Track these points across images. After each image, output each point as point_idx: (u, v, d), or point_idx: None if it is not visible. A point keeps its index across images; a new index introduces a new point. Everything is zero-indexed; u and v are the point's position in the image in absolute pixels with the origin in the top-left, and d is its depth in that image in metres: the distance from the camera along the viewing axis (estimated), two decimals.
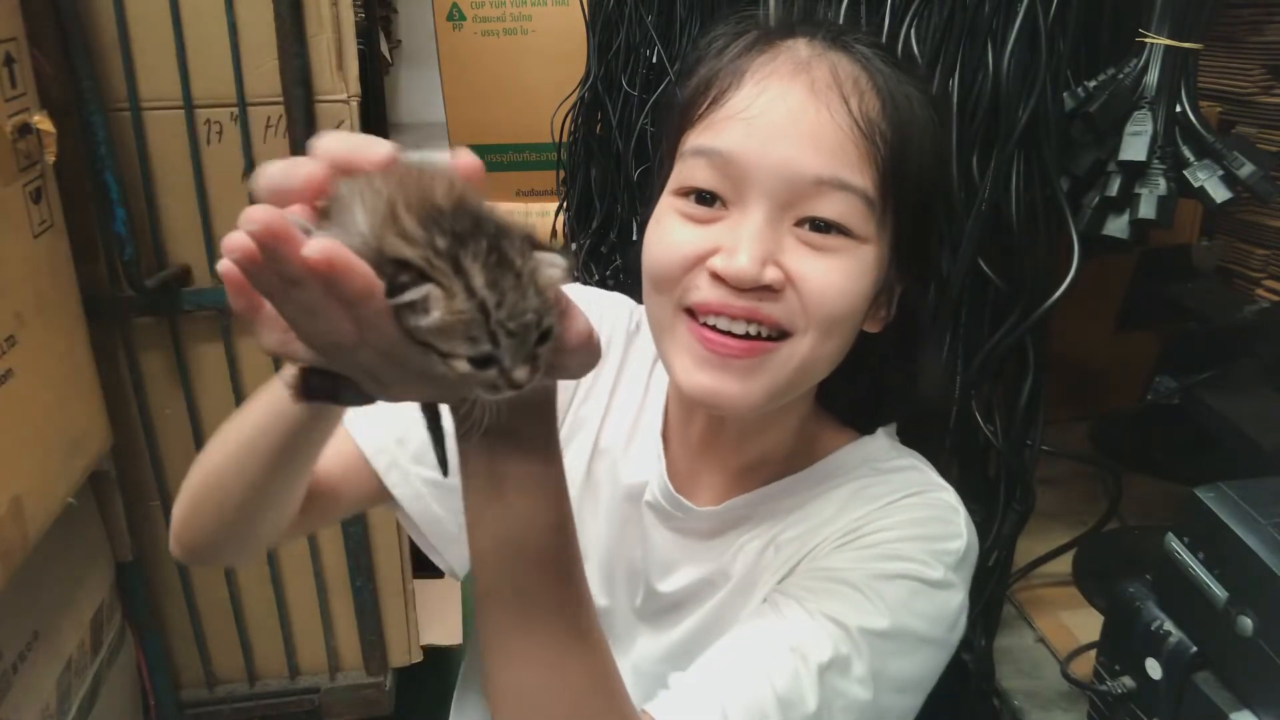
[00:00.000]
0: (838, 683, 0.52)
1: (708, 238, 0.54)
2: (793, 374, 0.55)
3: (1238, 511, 0.70)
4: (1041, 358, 0.88)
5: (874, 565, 0.57)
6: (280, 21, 1.35)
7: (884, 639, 0.54)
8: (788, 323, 0.53)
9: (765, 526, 0.64)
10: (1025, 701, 0.92)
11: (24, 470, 1.14)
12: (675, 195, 0.57)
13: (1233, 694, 0.70)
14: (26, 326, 1.14)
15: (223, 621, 1.66)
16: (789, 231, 0.54)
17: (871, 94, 0.54)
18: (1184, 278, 1.31)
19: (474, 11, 2.15)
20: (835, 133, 0.53)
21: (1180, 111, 0.87)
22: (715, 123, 0.55)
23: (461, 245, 0.35)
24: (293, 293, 0.34)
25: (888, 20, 1.00)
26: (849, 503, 0.62)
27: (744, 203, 0.54)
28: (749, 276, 0.51)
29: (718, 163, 0.54)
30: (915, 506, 0.61)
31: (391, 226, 0.35)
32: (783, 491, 0.64)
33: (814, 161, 0.52)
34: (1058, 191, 0.85)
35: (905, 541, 0.58)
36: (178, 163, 1.39)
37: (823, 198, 0.53)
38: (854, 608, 0.55)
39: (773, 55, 0.56)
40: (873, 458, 0.65)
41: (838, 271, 0.54)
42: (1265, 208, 1.27)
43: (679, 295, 0.55)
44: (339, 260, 0.33)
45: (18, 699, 1.21)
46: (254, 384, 1.52)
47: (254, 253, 0.33)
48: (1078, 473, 1.24)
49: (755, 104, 0.53)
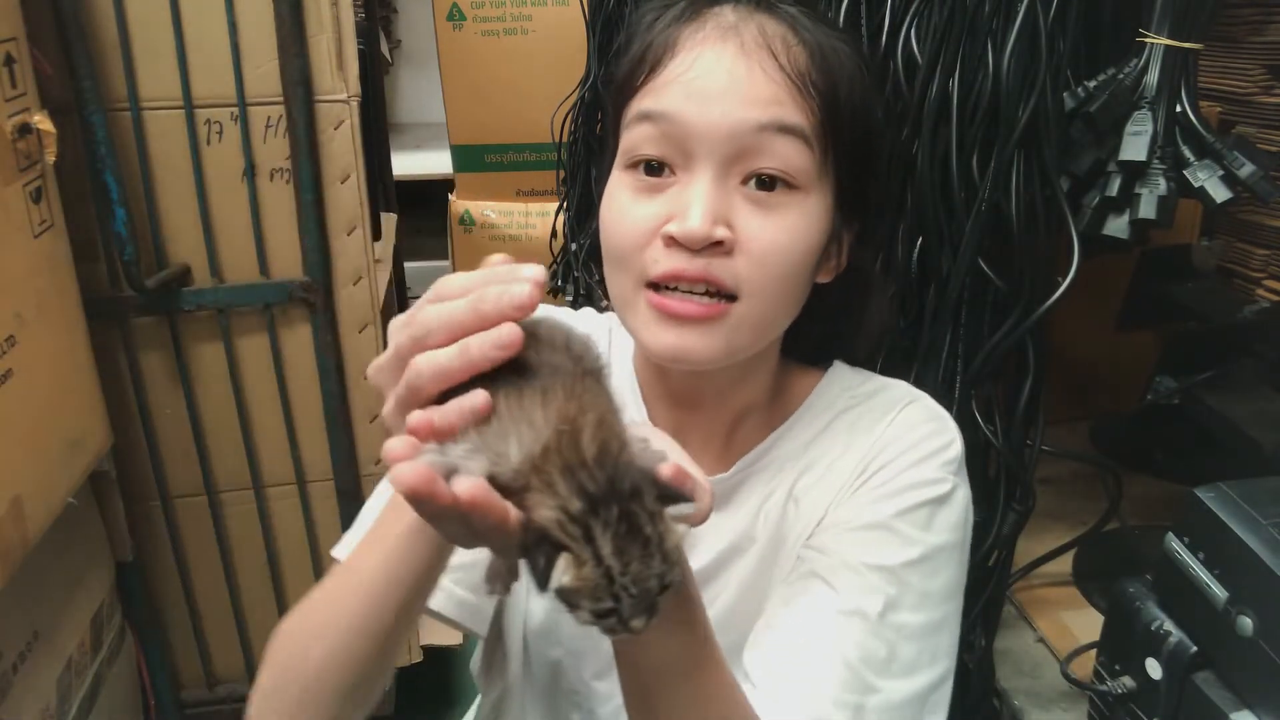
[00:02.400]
0: (895, 619, 0.57)
1: (660, 207, 0.57)
2: (751, 330, 0.58)
3: (1238, 511, 0.70)
4: (1041, 358, 0.88)
5: (894, 502, 0.61)
6: (280, 21, 1.35)
7: (921, 563, 0.59)
8: (740, 284, 0.56)
9: (778, 481, 0.66)
10: (1025, 701, 0.92)
11: (24, 470, 1.14)
12: (624, 170, 0.59)
13: (1233, 694, 0.70)
14: (26, 326, 1.14)
15: (223, 621, 1.66)
16: (736, 190, 0.57)
17: (799, 48, 0.57)
18: (1184, 278, 1.32)
19: (474, 11, 2.15)
20: (769, 85, 0.56)
21: (1180, 111, 0.87)
22: (655, 89, 0.57)
23: (594, 512, 0.39)
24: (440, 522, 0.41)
25: (888, 20, 1.00)
26: (849, 437, 0.65)
27: (690, 166, 0.56)
28: (701, 235, 0.54)
29: (662, 126, 0.56)
30: (912, 422, 0.65)
31: (538, 474, 0.40)
32: (781, 440, 0.67)
33: (753, 112, 0.55)
34: (1058, 191, 0.85)
35: (913, 468, 0.62)
36: (178, 163, 1.39)
37: (765, 148, 0.56)
38: (889, 549, 0.59)
39: (701, 23, 0.58)
40: (849, 386, 0.69)
41: (785, 229, 0.57)
42: (1265, 208, 1.27)
43: (639, 270, 0.57)
44: (480, 499, 0.38)
45: (18, 699, 1.21)
46: (254, 384, 1.52)
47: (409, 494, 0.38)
48: (1078, 473, 1.25)
49: (692, 69, 0.56)
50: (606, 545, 0.39)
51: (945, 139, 0.89)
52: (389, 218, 2.16)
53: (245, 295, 1.46)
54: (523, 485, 0.40)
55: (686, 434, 0.67)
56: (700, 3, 0.60)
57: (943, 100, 0.89)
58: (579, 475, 0.39)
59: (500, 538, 0.40)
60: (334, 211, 1.46)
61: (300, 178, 1.41)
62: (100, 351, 1.38)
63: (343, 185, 1.46)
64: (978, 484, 0.95)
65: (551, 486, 0.39)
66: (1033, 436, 0.91)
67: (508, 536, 0.40)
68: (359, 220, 1.48)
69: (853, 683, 0.56)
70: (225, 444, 1.55)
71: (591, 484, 0.39)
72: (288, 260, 1.46)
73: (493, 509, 0.39)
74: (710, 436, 0.68)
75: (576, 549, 0.39)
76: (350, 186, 1.46)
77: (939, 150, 0.90)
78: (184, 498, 1.57)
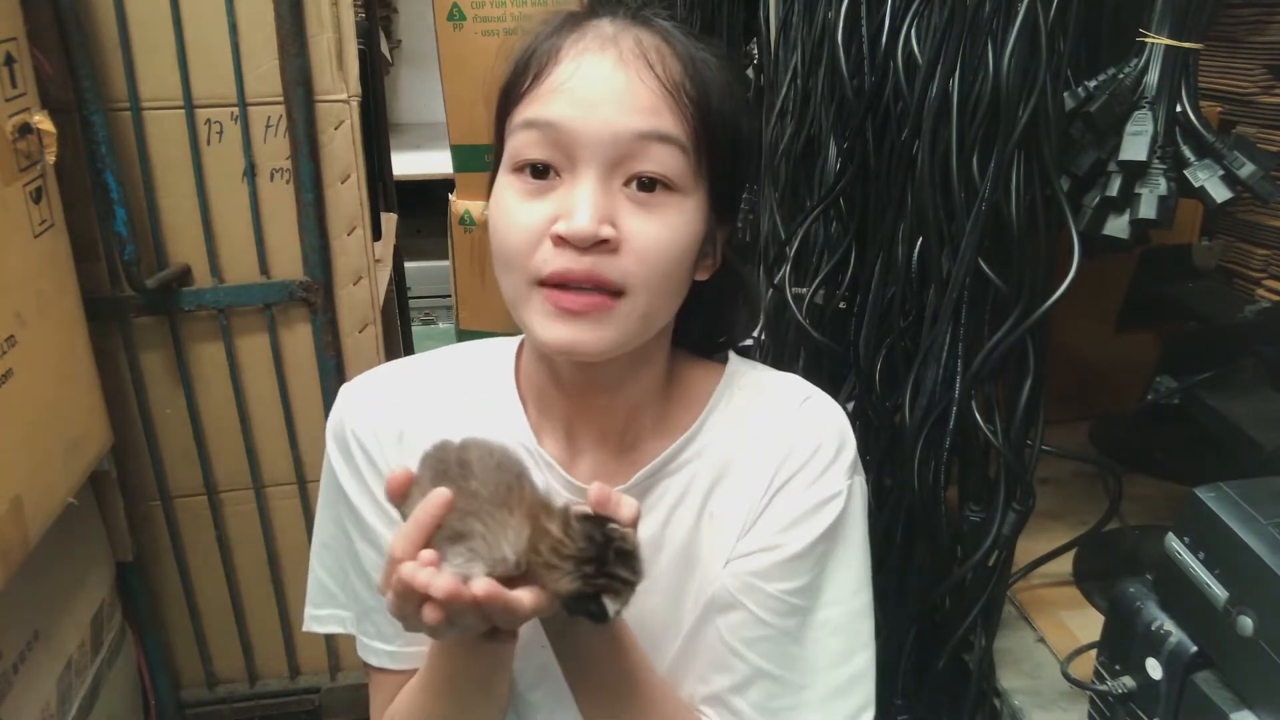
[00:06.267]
0: (817, 619, 0.68)
1: (547, 208, 0.60)
2: (637, 324, 0.62)
3: (1238, 511, 0.70)
4: (1041, 358, 0.88)
5: (811, 531, 0.67)
6: (280, 21, 1.35)
7: (843, 568, 0.68)
8: (625, 280, 0.60)
9: (688, 491, 0.69)
10: (1025, 701, 0.92)
11: (24, 470, 1.14)
12: (511, 174, 0.62)
13: (1233, 694, 0.70)
14: (26, 326, 1.14)
15: (223, 621, 1.66)
16: (619, 192, 0.60)
17: (673, 59, 0.61)
18: (1184, 278, 1.31)
19: (474, 11, 2.16)
20: (648, 95, 0.59)
21: (1181, 111, 0.87)
22: (539, 96, 0.60)
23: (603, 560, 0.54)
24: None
25: (888, 20, 1.00)
26: (756, 444, 0.70)
27: (575, 169, 0.60)
28: (589, 233, 0.57)
29: (548, 133, 0.60)
30: (813, 424, 0.70)
31: (536, 561, 0.54)
32: (687, 446, 0.70)
33: (634, 120, 0.59)
34: (1058, 191, 0.85)
35: (820, 481, 0.68)
36: (178, 163, 1.39)
37: (646, 153, 0.59)
38: (801, 576, 0.67)
39: (581, 33, 0.62)
40: (747, 386, 0.73)
41: (666, 227, 0.60)
42: (1265, 208, 1.27)
43: (531, 271, 0.60)
44: (494, 593, 0.52)
45: (18, 699, 1.21)
46: (254, 384, 1.52)
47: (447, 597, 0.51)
48: (1078, 473, 1.24)
49: (574, 78, 0.59)
50: (624, 571, 0.54)
51: (945, 139, 0.89)
52: (389, 218, 2.16)
53: (245, 295, 1.46)
54: (524, 573, 0.54)
55: (580, 436, 0.70)
56: (580, 16, 0.64)
57: (943, 100, 0.89)
58: (568, 550, 0.53)
59: (508, 617, 0.53)
60: (334, 211, 1.46)
61: (300, 178, 1.41)
62: (100, 351, 1.38)
63: (343, 185, 1.46)
64: (978, 484, 0.95)
65: (557, 567, 0.53)
66: (1033, 436, 0.91)
67: (514, 615, 0.53)
68: (359, 220, 1.48)
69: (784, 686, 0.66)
70: (225, 444, 1.55)
71: (580, 548, 0.54)
72: (288, 260, 1.47)
73: (498, 599, 0.51)
74: (604, 439, 0.70)
75: (611, 586, 0.54)
76: (350, 186, 1.46)
77: (939, 150, 0.90)
78: (184, 498, 1.57)
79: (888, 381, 1.06)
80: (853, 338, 1.11)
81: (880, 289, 1.05)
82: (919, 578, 1.01)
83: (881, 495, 1.05)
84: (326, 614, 0.76)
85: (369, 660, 0.73)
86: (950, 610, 0.99)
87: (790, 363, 1.23)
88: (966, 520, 0.96)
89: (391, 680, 0.72)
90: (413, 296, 2.80)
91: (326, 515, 0.74)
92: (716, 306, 0.73)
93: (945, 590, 0.99)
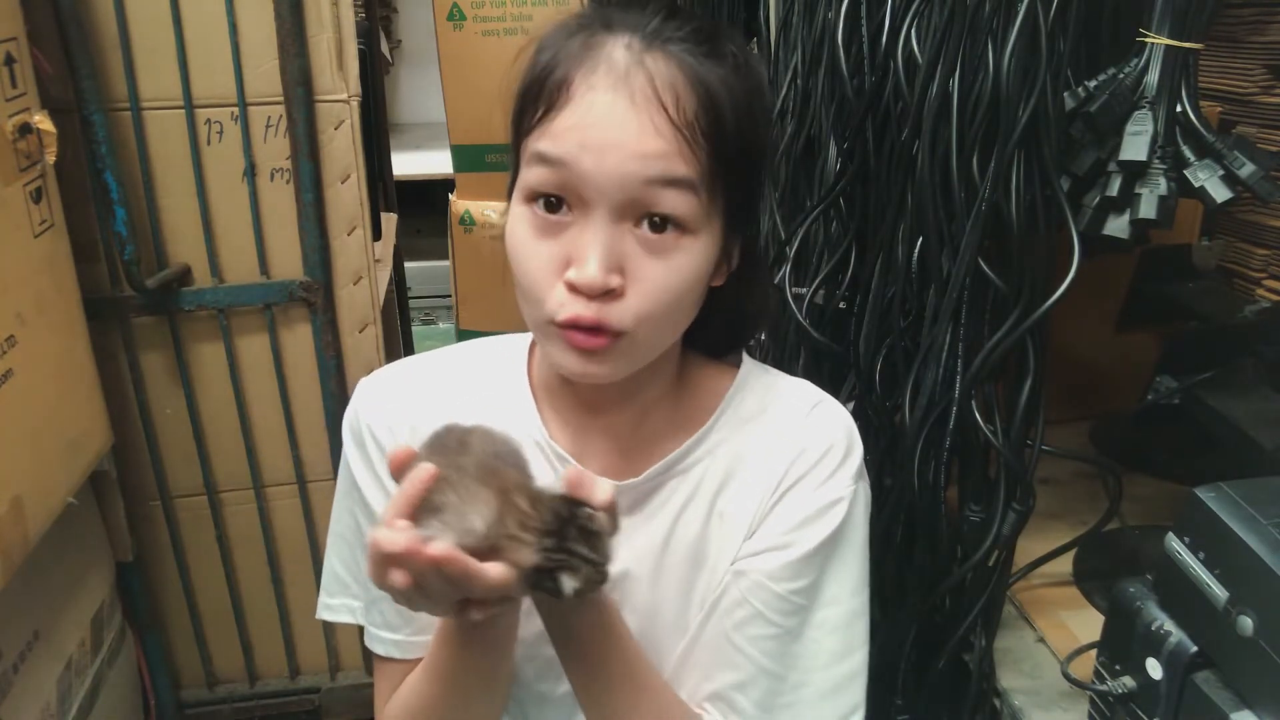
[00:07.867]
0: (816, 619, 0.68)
1: (560, 248, 0.61)
2: (643, 353, 0.64)
3: (1238, 511, 0.70)
4: (1041, 358, 0.88)
5: (819, 533, 0.68)
6: (280, 21, 1.35)
7: (844, 569, 0.69)
8: (625, 325, 0.61)
9: (698, 491, 0.70)
10: (1025, 701, 0.92)
11: (24, 470, 1.14)
12: (525, 203, 0.63)
13: (1233, 694, 0.70)
14: (27, 326, 1.14)
15: (223, 621, 1.66)
16: (629, 232, 0.61)
17: (688, 93, 0.60)
18: (1184, 278, 1.32)
19: (474, 11, 2.15)
20: (658, 140, 0.59)
21: (1181, 111, 0.87)
22: (551, 133, 0.60)
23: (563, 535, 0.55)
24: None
25: (888, 20, 1.00)
26: (767, 446, 0.71)
27: (586, 210, 0.60)
28: (599, 285, 0.59)
29: (559, 171, 0.60)
30: (822, 430, 0.71)
31: (504, 535, 0.55)
32: (698, 446, 0.71)
33: (645, 167, 0.59)
34: (1058, 191, 0.85)
35: (829, 483, 0.69)
36: (178, 163, 1.39)
37: (657, 197, 0.60)
38: (805, 578, 0.68)
39: (594, 64, 0.60)
40: (758, 389, 0.74)
41: (674, 271, 0.62)
42: (1265, 208, 1.27)
43: (547, 312, 0.62)
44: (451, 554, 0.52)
45: (18, 699, 1.21)
46: (254, 384, 1.52)
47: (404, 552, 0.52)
48: (1078, 473, 1.25)
49: (585, 118, 0.59)
50: (584, 549, 0.55)
51: (945, 139, 0.89)
52: (389, 218, 2.16)
53: (245, 295, 1.46)
54: (492, 546, 0.54)
55: (590, 436, 0.71)
56: (592, 29, 0.63)
57: (943, 100, 0.89)
58: (533, 523, 0.55)
59: (470, 585, 0.53)
60: (334, 211, 1.46)
61: (300, 178, 1.41)
62: (100, 351, 1.38)
63: (343, 185, 1.46)
64: (978, 484, 0.95)
65: (518, 539, 0.55)
66: (1033, 436, 0.91)
67: (476, 583, 0.53)
68: (359, 220, 1.48)
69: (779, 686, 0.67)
70: (225, 444, 1.55)
71: (544, 522, 0.55)
72: (288, 260, 1.47)
73: (457, 562, 0.52)
74: (615, 436, 0.71)
75: (569, 563, 0.55)
76: (350, 186, 1.46)
77: (939, 150, 0.90)
78: (184, 498, 1.57)
79: (888, 381, 1.06)
80: (853, 338, 1.11)
81: (880, 289, 1.05)
82: (919, 578, 1.01)
83: (881, 495, 1.05)
84: (338, 603, 0.77)
85: (375, 649, 0.74)
86: (950, 610, 1.00)
87: (790, 363, 1.23)
88: (966, 520, 0.96)
89: (397, 669, 0.73)
90: (413, 296, 2.80)
91: (341, 506, 0.75)
92: (732, 309, 0.73)
93: (945, 590, 0.99)
